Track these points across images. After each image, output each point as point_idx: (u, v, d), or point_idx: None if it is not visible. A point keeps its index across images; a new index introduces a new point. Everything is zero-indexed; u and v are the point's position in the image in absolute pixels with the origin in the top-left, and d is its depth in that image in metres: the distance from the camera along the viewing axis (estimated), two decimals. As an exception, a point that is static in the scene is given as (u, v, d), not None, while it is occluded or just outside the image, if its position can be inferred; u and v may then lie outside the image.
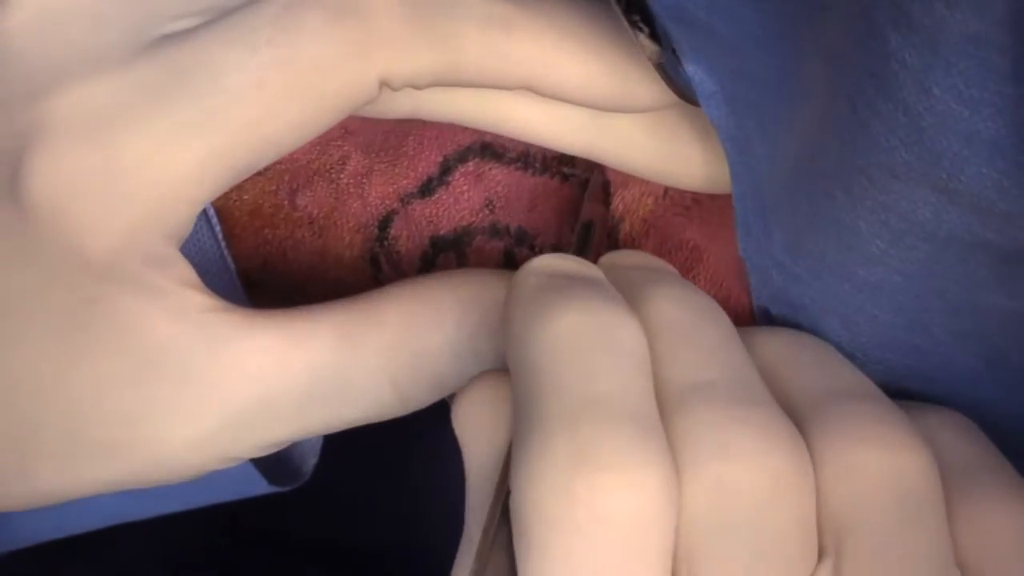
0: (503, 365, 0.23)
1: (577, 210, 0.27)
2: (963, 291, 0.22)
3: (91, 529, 0.34)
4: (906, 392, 0.25)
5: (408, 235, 0.28)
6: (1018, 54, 0.17)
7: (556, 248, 0.28)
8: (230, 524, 0.46)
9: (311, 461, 0.33)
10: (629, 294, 0.23)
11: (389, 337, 0.24)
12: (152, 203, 0.22)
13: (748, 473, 0.20)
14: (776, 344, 0.24)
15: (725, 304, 0.26)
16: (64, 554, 0.37)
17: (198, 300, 0.23)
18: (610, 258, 0.26)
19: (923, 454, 0.21)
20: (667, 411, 0.21)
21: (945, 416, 0.24)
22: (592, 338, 0.21)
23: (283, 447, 0.25)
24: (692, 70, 0.22)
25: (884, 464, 0.20)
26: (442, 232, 0.28)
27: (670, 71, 0.23)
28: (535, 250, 0.28)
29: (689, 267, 0.26)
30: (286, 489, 0.32)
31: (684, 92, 0.24)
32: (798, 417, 0.22)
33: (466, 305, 0.25)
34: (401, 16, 0.23)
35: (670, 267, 0.26)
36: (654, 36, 0.22)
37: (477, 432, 0.23)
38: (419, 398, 0.25)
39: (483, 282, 0.25)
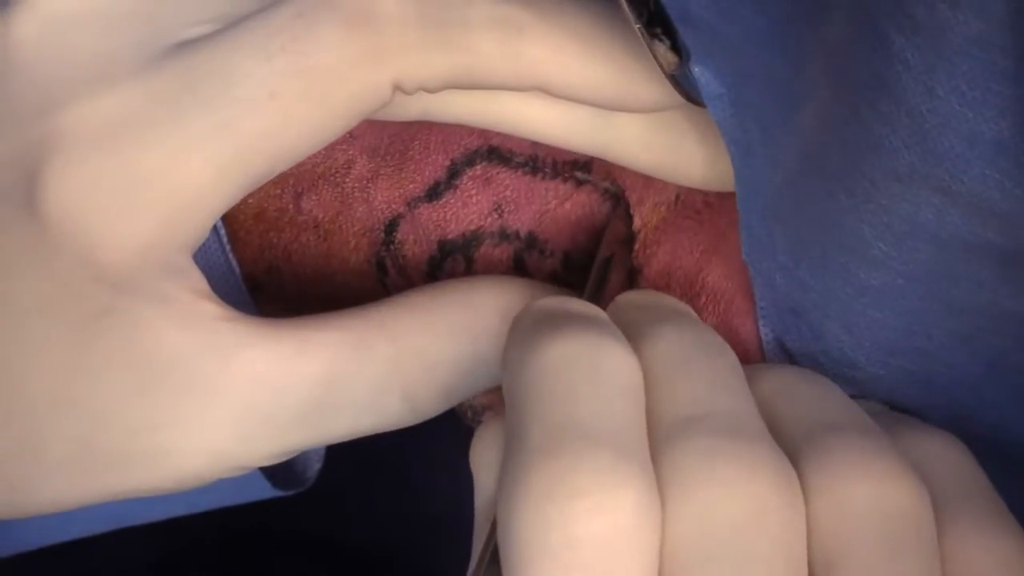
0: None
1: (592, 222, 0.27)
2: (965, 293, 0.22)
3: (94, 533, 0.34)
4: (906, 397, 0.25)
5: (415, 239, 0.28)
6: (1020, 55, 0.17)
7: (567, 254, 0.28)
8: (230, 524, 0.46)
9: (315, 467, 0.33)
10: (633, 331, 0.23)
11: (399, 346, 0.24)
12: (169, 214, 0.22)
13: (732, 500, 0.20)
14: (777, 379, 0.24)
15: (729, 307, 0.26)
16: (61, 554, 0.37)
17: (208, 309, 0.23)
18: (625, 297, 0.26)
19: (913, 485, 0.21)
20: (660, 444, 0.21)
21: (938, 441, 0.23)
22: (579, 368, 0.21)
23: (293, 456, 0.25)
24: (699, 71, 0.22)
25: (873, 495, 0.20)
26: (450, 236, 0.28)
27: (679, 77, 0.23)
28: (545, 254, 0.28)
29: (698, 270, 0.26)
30: (289, 493, 0.32)
31: (691, 95, 0.24)
32: (793, 450, 0.21)
33: (476, 314, 0.25)
34: (413, 21, 0.23)
35: (683, 305, 0.26)
36: (675, 48, 0.22)
37: (485, 466, 0.23)
38: (429, 407, 0.25)
39: (492, 290, 0.25)
